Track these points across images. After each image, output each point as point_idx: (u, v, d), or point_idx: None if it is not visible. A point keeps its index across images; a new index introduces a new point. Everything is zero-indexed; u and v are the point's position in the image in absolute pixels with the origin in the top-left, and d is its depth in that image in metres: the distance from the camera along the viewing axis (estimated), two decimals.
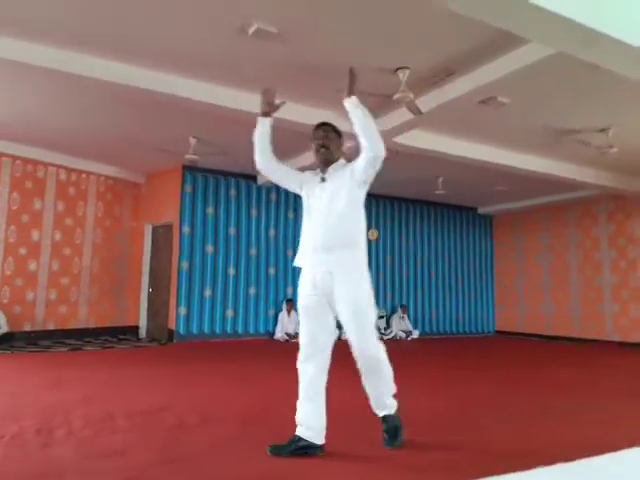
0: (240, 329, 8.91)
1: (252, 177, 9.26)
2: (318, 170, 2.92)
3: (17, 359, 6.10)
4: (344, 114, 2.76)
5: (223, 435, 2.93)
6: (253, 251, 9.18)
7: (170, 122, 6.48)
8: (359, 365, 2.72)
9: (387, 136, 6.33)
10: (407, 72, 4.90)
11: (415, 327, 10.40)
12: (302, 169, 9.00)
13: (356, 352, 2.69)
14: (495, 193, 10.21)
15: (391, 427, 2.69)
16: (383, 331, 9.86)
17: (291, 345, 8.27)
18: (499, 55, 4.57)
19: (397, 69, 4.92)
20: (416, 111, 5.32)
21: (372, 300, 2.75)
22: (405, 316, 10.23)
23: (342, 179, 2.77)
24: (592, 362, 7.30)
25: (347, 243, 2.74)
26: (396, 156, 7.21)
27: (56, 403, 3.63)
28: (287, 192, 9.53)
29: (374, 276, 10.62)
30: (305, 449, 2.55)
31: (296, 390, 2.73)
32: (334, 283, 2.66)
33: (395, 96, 4.96)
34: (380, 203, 10.72)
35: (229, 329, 8.79)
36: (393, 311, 10.38)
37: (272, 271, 9.33)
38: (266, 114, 2.94)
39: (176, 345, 7.98)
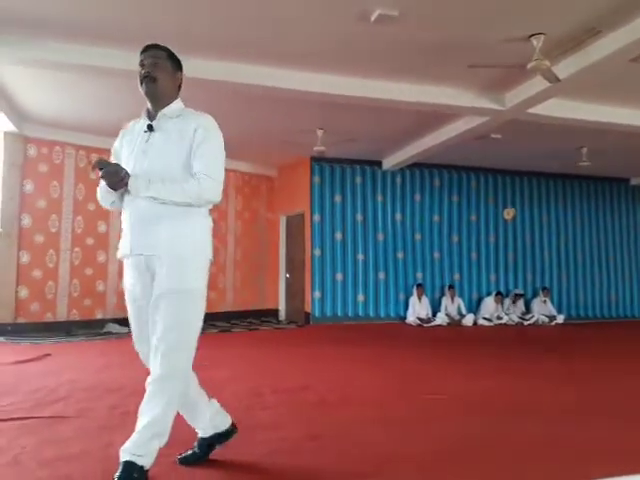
0: (371, 313, 9.07)
1: (377, 162, 9.29)
2: (142, 117, 2.12)
3: None
4: (476, 90, 2.56)
5: (363, 415, 3.04)
6: (380, 236, 9.24)
7: (298, 116, 6.76)
8: (147, 382, 1.98)
9: (521, 108, 5.97)
10: (542, 38, 4.55)
11: (559, 311, 9.67)
12: (428, 150, 8.79)
13: (156, 364, 1.95)
14: None
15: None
16: (522, 316, 9.34)
17: (424, 330, 8.26)
18: None
19: (530, 36, 4.59)
20: (553, 79, 4.91)
21: (203, 299, 2.09)
22: (547, 299, 9.56)
23: (180, 135, 2.02)
24: None
25: (180, 212, 2.01)
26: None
27: (210, 379, 4.01)
28: (413, 175, 9.44)
29: (511, 258, 10.16)
30: (218, 440, 2.22)
31: (429, 372, 2.74)
32: (158, 265, 1.99)
33: (529, 65, 4.64)
34: (516, 180, 10.09)
35: (361, 312, 8.99)
36: (534, 294, 9.77)
37: (400, 256, 9.31)
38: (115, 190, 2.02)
39: (312, 327, 8.39)
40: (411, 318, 8.88)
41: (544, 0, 4.06)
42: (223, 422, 2.27)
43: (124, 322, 8.26)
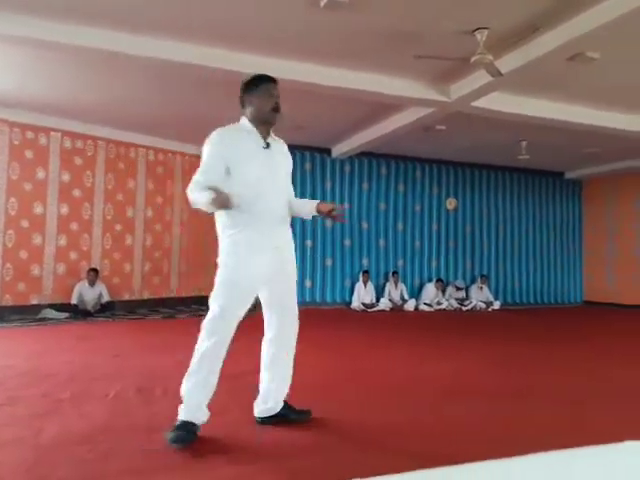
0: (318, 298, 9.16)
1: (326, 150, 9.33)
2: (242, 129, 2.53)
3: (118, 326, 6.70)
4: (422, 82, 2.59)
5: (307, 398, 3.07)
6: (329, 223, 9.31)
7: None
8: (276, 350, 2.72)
9: (465, 100, 6.13)
10: (486, 32, 4.69)
11: (496, 298, 10.13)
12: (376, 139, 8.90)
13: (288, 332, 2.71)
14: (584, 156, 9.54)
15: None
16: (461, 301, 9.71)
17: (368, 315, 8.43)
18: (589, 6, 4.24)
19: (475, 30, 4.71)
20: (496, 73, 5.08)
21: None
22: (484, 286, 9.98)
23: (285, 154, 2.67)
24: None
25: (288, 219, 2.63)
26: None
27: (153, 365, 3.99)
28: (361, 164, 9.55)
29: (452, 246, 10.51)
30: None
31: (372, 356, 2.81)
32: (282, 258, 2.54)
33: (473, 58, 4.77)
34: (458, 171, 10.41)
35: (308, 298, 9.06)
36: (472, 281, 10.17)
37: (347, 243, 9.44)
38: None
39: (261, 313, 8.35)
40: (356, 303, 9.04)
41: None
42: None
43: (62, 307, 7.96)
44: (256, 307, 2.73)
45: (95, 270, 7.84)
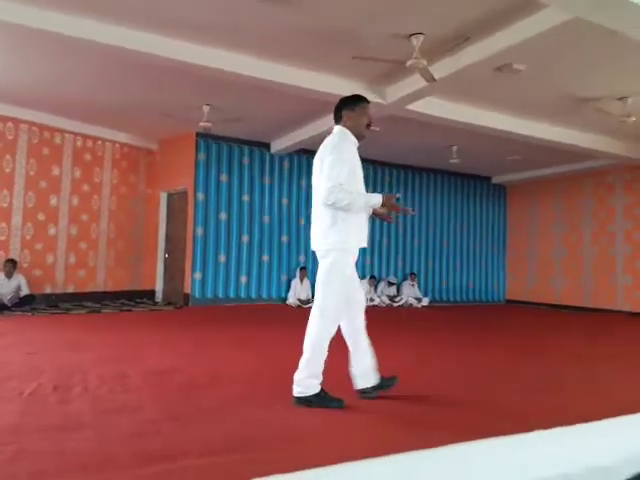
0: (253, 294, 9.10)
1: (265, 145, 9.27)
2: (355, 141, 3.01)
3: (37, 320, 6.34)
4: (359, 82, 2.72)
5: (230, 395, 3.06)
6: (266, 219, 9.27)
7: (183, 89, 6.49)
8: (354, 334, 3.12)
9: (399, 103, 6.29)
10: (421, 38, 4.83)
11: (425, 295, 10.50)
12: (313, 137, 8.91)
13: (361, 320, 3.08)
14: (509, 162, 10.08)
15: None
16: (392, 298, 9.98)
17: (303, 310, 8.46)
18: (515, 21, 4.48)
19: (411, 35, 4.84)
20: (429, 78, 5.25)
21: None
22: (415, 284, 10.32)
23: None
24: (600, 331, 7.34)
25: None
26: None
27: (73, 363, 3.81)
28: (300, 161, 9.58)
29: (385, 245, 10.67)
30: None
31: (299, 352, 2.86)
32: None
33: (408, 62, 4.90)
34: (393, 171, 10.67)
35: (243, 294, 8.98)
36: (404, 279, 10.48)
37: (285, 239, 9.44)
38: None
39: (191, 308, 8.21)
40: (291, 299, 9.07)
41: (424, 2, 4.30)
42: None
43: None
44: None
45: (13, 261, 7.38)
